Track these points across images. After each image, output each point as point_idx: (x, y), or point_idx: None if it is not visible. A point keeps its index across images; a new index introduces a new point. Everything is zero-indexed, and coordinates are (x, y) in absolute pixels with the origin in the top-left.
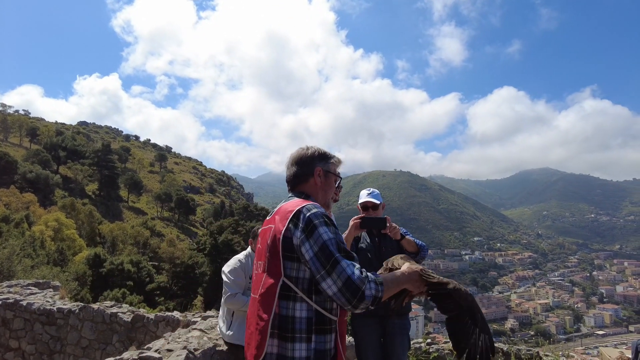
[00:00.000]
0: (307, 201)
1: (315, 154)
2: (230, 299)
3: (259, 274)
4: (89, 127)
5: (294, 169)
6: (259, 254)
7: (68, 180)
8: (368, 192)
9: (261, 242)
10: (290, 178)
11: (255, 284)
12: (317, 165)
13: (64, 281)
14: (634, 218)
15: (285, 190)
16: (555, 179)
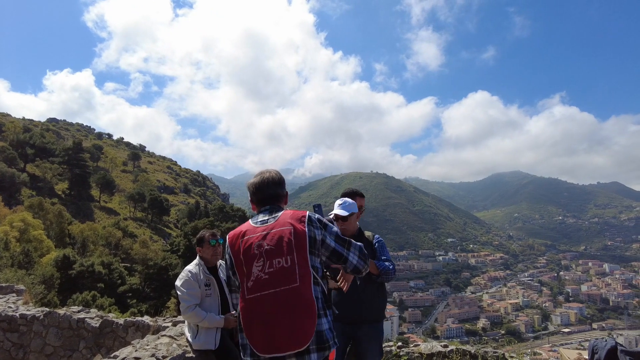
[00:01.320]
0: (301, 210)
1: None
2: (187, 311)
3: (286, 267)
4: (59, 124)
5: (278, 189)
6: (273, 252)
7: (36, 179)
8: (340, 203)
9: (271, 242)
10: (274, 196)
11: (280, 276)
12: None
13: (29, 284)
14: (598, 220)
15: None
16: (526, 182)
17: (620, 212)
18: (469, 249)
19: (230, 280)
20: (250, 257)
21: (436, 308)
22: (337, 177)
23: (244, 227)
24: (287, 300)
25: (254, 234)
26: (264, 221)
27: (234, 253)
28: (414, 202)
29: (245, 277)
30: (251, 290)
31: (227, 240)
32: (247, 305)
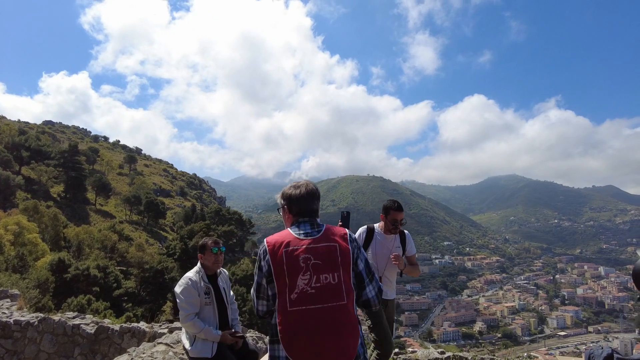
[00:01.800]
0: (341, 228)
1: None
2: (186, 320)
3: (333, 283)
4: (55, 126)
5: (318, 203)
6: (321, 268)
7: (31, 182)
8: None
9: (319, 257)
10: (315, 210)
11: (328, 293)
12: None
13: (24, 289)
14: (593, 223)
15: (257, 194)
16: (522, 185)
17: (615, 216)
18: (465, 252)
19: (260, 287)
20: (295, 269)
21: (433, 311)
22: (334, 180)
23: (285, 237)
24: (334, 317)
25: (299, 246)
26: (308, 233)
27: (275, 262)
28: (410, 205)
29: (288, 288)
30: (295, 302)
31: (265, 246)
32: (290, 317)
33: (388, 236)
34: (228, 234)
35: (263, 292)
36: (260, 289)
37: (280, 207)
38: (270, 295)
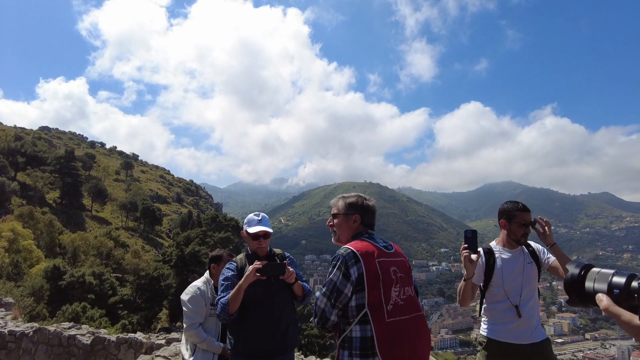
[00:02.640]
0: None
1: None
2: (190, 329)
3: (412, 296)
4: (51, 132)
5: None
6: (404, 280)
7: (27, 188)
8: (258, 219)
9: (402, 271)
10: (375, 222)
11: (411, 304)
12: None
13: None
14: (589, 230)
15: (254, 201)
16: (518, 192)
17: (611, 222)
18: None
19: (341, 295)
20: (389, 281)
21: (430, 319)
22: (331, 187)
23: (371, 247)
24: (420, 327)
25: (388, 258)
26: (387, 247)
27: (369, 272)
28: (407, 212)
29: (384, 300)
30: (392, 314)
31: (356, 253)
32: (389, 328)
33: (513, 251)
34: (224, 240)
35: (341, 301)
36: (340, 297)
37: (342, 215)
38: (354, 305)
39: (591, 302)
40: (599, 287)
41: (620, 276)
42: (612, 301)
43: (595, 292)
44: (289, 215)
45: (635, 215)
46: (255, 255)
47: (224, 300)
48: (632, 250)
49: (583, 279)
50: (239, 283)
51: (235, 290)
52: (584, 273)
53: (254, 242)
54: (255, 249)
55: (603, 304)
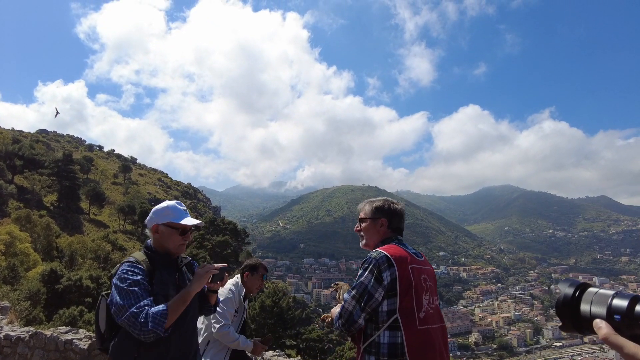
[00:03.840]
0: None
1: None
2: (222, 329)
3: (437, 305)
4: (49, 135)
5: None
6: (433, 289)
7: (24, 191)
8: (184, 209)
9: (430, 279)
10: (402, 229)
11: (438, 314)
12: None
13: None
14: (587, 234)
15: (252, 204)
16: (516, 196)
17: (609, 226)
18: (461, 263)
19: (372, 299)
20: (421, 289)
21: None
22: (329, 190)
23: (403, 252)
24: (444, 336)
25: (419, 265)
26: (417, 254)
27: (402, 278)
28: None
29: (416, 307)
30: (423, 321)
31: (390, 258)
32: (419, 336)
33: None
34: (222, 244)
35: (371, 305)
36: (370, 301)
37: (370, 219)
38: (385, 311)
39: (587, 328)
40: (597, 311)
41: (621, 298)
42: (612, 329)
43: (592, 317)
44: (287, 218)
45: (632, 219)
46: (168, 256)
47: (158, 310)
48: (629, 253)
49: (578, 300)
50: (189, 288)
51: (182, 296)
52: (579, 294)
53: (178, 238)
54: (175, 247)
55: (602, 332)
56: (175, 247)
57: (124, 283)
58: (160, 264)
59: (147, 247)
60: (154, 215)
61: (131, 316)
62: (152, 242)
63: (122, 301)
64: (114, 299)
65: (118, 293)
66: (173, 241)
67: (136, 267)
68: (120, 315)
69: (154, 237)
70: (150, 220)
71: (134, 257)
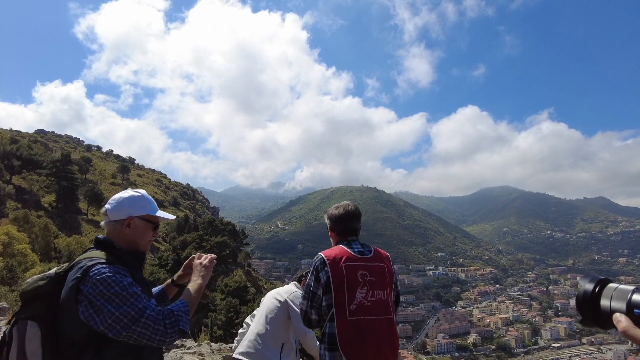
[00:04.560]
0: (385, 252)
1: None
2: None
3: (383, 299)
4: (47, 135)
5: (359, 223)
6: (375, 284)
7: (22, 191)
8: (152, 199)
9: (373, 275)
10: (357, 229)
11: (380, 307)
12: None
13: (12, 302)
14: (585, 235)
15: (251, 205)
16: (514, 197)
17: (607, 227)
18: (459, 263)
19: (315, 297)
20: (354, 284)
21: (427, 323)
22: (328, 191)
23: (342, 252)
24: (388, 328)
25: (357, 263)
26: (361, 252)
27: (335, 275)
28: (404, 216)
29: (347, 300)
30: (354, 313)
31: (325, 259)
32: (349, 326)
33: None
34: (221, 244)
35: (317, 302)
36: (315, 298)
37: (329, 227)
38: (325, 305)
39: (607, 322)
40: (617, 305)
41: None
42: (632, 322)
43: (612, 312)
44: (285, 219)
45: (630, 220)
46: (136, 255)
47: (179, 306)
48: (627, 254)
49: (598, 296)
50: (201, 280)
51: (197, 290)
52: (599, 289)
53: (150, 234)
54: (146, 245)
55: (621, 325)
56: (146, 244)
57: (118, 287)
58: (131, 264)
59: (108, 244)
60: (128, 205)
61: (150, 320)
62: (117, 237)
63: (128, 308)
64: (108, 309)
65: (116, 301)
66: (146, 237)
67: (118, 268)
68: (129, 326)
69: (123, 232)
70: (122, 211)
71: (98, 257)
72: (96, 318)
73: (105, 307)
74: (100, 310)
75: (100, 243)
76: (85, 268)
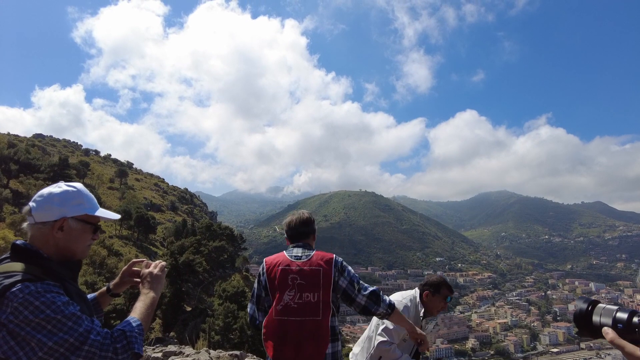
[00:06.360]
0: (329, 253)
1: (313, 219)
2: (383, 345)
3: (312, 301)
4: (45, 139)
5: (305, 228)
6: (304, 287)
7: (19, 196)
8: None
9: (303, 278)
10: (303, 233)
11: (307, 309)
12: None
13: None
14: (583, 239)
15: (249, 209)
16: (512, 201)
17: (605, 231)
18: (458, 268)
19: (260, 298)
20: (284, 286)
21: (425, 328)
22: (326, 196)
23: (280, 258)
24: (311, 329)
25: (290, 267)
26: (298, 257)
27: (269, 278)
28: (402, 221)
29: (276, 301)
30: (279, 313)
31: (264, 264)
32: (273, 325)
33: None
34: (219, 249)
35: (262, 303)
36: (260, 300)
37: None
38: (267, 306)
39: (598, 334)
40: (605, 321)
41: (623, 312)
42: (617, 334)
43: (601, 326)
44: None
45: (628, 225)
46: (69, 264)
47: (132, 326)
48: (625, 259)
49: (590, 313)
50: (153, 293)
51: (150, 304)
52: (591, 308)
53: (87, 237)
54: (84, 250)
55: (609, 336)
56: (84, 250)
57: (50, 309)
58: (63, 274)
59: (31, 253)
60: (60, 202)
61: (96, 347)
62: (44, 243)
63: (64, 335)
64: (37, 340)
65: (48, 327)
66: (84, 242)
67: (47, 285)
68: (67, 357)
69: (53, 236)
70: (52, 211)
71: (15, 271)
72: (19, 352)
73: (33, 337)
74: (26, 341)
75: (19, 252)
76: (0, 289)
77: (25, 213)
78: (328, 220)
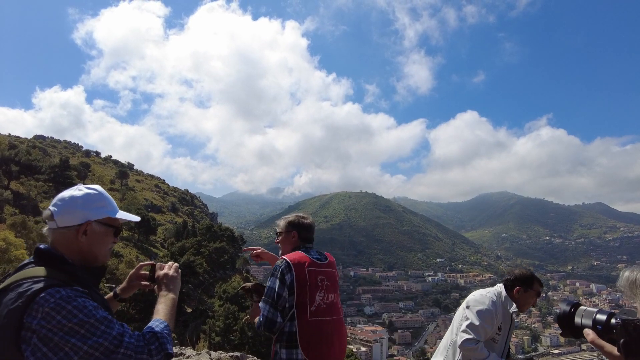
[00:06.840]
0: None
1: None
2: (469, 343)
3: (334, 302)
4: (46, 141)
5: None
6: (329, 288)
7: (20, 197)
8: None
9: (329, 280)
10: (313, 238)
11: (333, 308)
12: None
13: None
14: (584, 240)
15: (250, 210)
16: (513, 202)
17: (605, 232)
18: (458, 269)
19: (280, 299)
20: (314, 287)
21: (426, 329)
22: (327, 196)
23: (305, 258)
24: (339, 328)
25: (318, 268)
26: (319, 259)
27: (299, 279)
28: (402, 222)
29: (309, 302)
30: (314, 314)
31: (290, 263)
32: (310, 325)
33: None
34: (219, 250)
35: (281, 304)
36: (280, 300)
37: (284, 232)
38: (287, 307)
39: (580, 334)
40: (586, 322)
41: (602, 314)
42: (597, 335)
43: (583, 327)
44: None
45: (628, 226)
46: (93, 268)
47: (161, 327)
48: (626, 260)
49: (573, 315)
50: (172, 294)
51: (172, 306)
52: (573, 310)
53: (109, 241)
54: (106, 254)
55: (589, 337)
56: (106, 253)
57: (82, 313)
58: (87, 279)
59: (55, 257)
60: (83, 206)
61: (131, 350)
62: (67, 248)
63: (99, 339)
64: (72, 344)
65: (81, 332)
66: (106, 246)
67: (75, 290)
68: (105, 358)
69: (77, 241)
70: (75, 214)
71: (43, 275)
72: (53, 358)
73: (67, 342)
74: (59, 347)
75: (43, 256)
76: (30, 293)
77: (45, 218)
78: (329, 221)
